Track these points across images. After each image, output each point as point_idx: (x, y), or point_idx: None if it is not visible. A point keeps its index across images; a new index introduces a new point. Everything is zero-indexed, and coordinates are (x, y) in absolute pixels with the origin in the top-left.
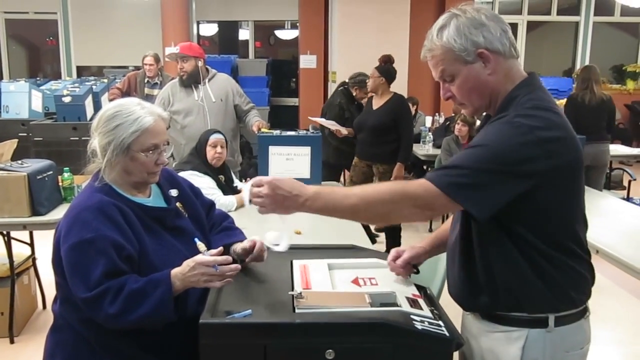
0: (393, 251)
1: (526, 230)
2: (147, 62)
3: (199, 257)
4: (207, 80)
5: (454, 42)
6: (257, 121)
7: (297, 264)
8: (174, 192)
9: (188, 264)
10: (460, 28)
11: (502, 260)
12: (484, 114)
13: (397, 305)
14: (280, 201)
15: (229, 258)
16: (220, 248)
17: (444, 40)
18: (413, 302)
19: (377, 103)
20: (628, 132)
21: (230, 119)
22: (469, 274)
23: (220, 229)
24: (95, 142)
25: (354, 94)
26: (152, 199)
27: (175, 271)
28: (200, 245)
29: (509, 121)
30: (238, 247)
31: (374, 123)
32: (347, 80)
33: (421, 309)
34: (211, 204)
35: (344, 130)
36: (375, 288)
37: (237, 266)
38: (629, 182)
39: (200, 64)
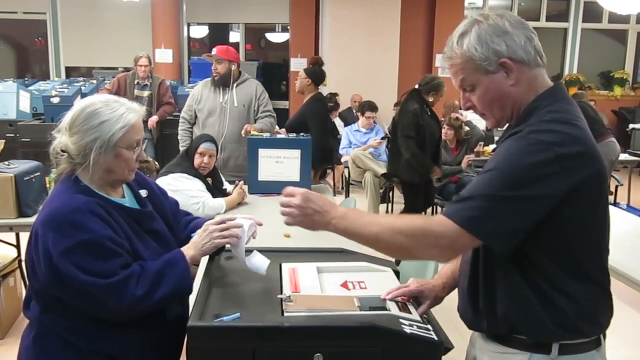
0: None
1: (540, 254)
2: (142, 63)
3: (206, 222)
4: (235, 84)
5: (475, 51)
6: (247, 125)
7: (286, 267)
8: (143, 193)
9: (199, 232)
10: (481, 36)
11: (505, 284)
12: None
13: (386, 309)
14: (309, 214)
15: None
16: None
17: (464, 48)
18: (402, 306)
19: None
20: (615, 138)
21: (250, 124)
22: (472, 294)
23: (191, 226)
24: (65, 141)
25: (430, 100)
26: (128, 199)
27: (186, 246)
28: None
29: (523, 137)
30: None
31: (289, 123)
32: (417, 86)
33: (410, 312)
34: (177, 203)
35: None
36: (365, 292)
37: (239, 223)
38: (616, 187)
39: (233, 67)
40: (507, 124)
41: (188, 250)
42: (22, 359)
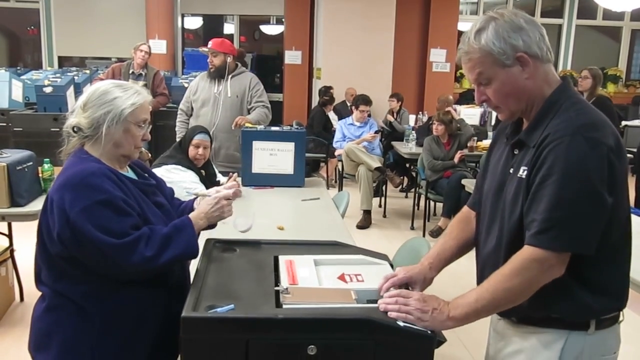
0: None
1: None
2: (143, 49)
3: (220, 193)
4: (230, 76)
5: (493, 45)
6: (239, 117)
7: (283, 259)
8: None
9: (208, 202)
10: (499, 31)
11: None
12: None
13: None
14: (427, 312)
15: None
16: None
17: (482, 43)
18: None
19: None
20: None
21: (242, 115)
22: None
23: (180, 208)
24: (78, 119)
25: None
26: (132, 174)
27: (195, 213)
28: (202, 192)
29: (573, 136)
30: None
31: None
32: None
33: None
34: (173, 193)
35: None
36: (362, 284)
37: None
38: None
39: (229, 59)
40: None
41: (197, 218)
42: (34, 331)
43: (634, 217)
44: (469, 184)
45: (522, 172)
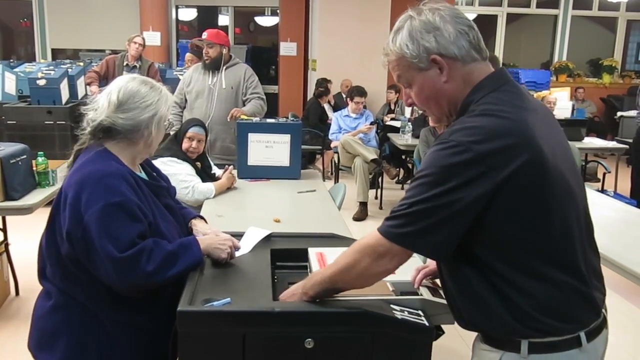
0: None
1: (485, 252)
2: (137, 41)
3: (233, 240)
4: (225, 67)
5: (406, 48)
6: (234, 109)
7: (313, 251)
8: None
9: (219, 235)
10: (412, 33)
11: (459, 281)
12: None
13: (419, 294)
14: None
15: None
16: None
17: (397, 45)
18: (433, 291)
19: None
20: (603, 126)
21: (237, 107)
22: (447, 294)
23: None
24: (114, 118)
25: None
26: (144, 175)
27: (201, 238)
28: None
29: (444, 141)
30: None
31: None
32: None
33: (442, 297)
34: (175, 190)
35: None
36: (394, 277)
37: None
38: (604, 174)
39: (224, 51)
40: (449, 122)
41: (201, 243)
42: (37, 329)
43: (629, 207)
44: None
45: None
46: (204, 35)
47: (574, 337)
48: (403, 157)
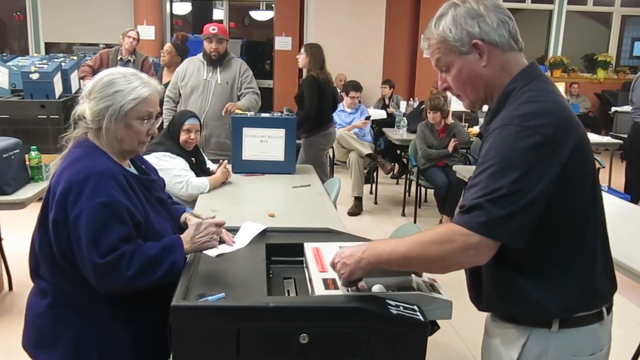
0: None
1: (535, 237)
2: (131, 35)
3: (207, 220)
4: (221, 62)
5: (449, 32)
6: (229, 103)
7: (309, 246)
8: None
9: (194, 227)
10: (456, 18)
11: (495, 269)
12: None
13: (415, 289)
14: (345, 264)
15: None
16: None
17: (440, 29)
18: (431, 287)
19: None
20: (597, 121)
21: (232, 102)
22: (471, 275)
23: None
24: (84, 107)
25: None
26: (133, 169)
27: (183, 235)
28: (196, 213)
29: (506, 127)
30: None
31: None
32: None
33: (439, 292)
34: (164, 183)
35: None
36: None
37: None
38: (598, 169)
39: (227, 46)
40: (482, 107)
41: (184, 241)
42: (35, 328)
43: (623, 202)
44: (461, 171)
45: None
46: (213, 29)
47: (598, 312)
48: (398, 151)
